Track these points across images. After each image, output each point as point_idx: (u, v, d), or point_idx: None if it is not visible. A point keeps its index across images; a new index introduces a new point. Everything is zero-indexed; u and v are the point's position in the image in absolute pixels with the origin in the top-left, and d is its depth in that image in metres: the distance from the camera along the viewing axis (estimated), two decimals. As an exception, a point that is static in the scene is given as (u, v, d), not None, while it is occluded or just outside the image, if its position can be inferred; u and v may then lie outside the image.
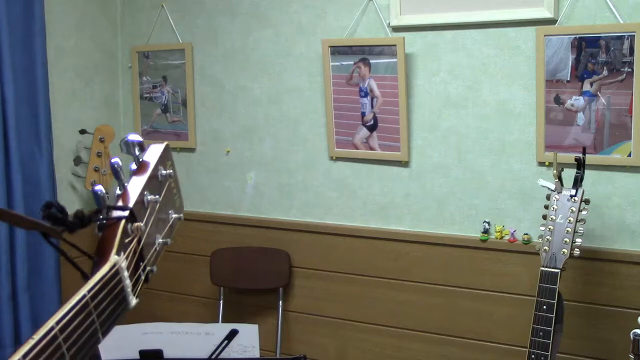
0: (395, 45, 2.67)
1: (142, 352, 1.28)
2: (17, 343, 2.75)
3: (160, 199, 0.88)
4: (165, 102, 3.29)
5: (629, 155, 2.36)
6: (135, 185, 0.85)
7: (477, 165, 2.65)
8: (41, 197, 2.86)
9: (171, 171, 0.92)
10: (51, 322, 0.76)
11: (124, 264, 0.80)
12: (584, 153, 2.23)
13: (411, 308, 2.80)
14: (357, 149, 2.84)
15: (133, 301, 0.84)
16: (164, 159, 0.92)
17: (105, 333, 0.77)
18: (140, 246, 0.84)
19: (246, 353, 1.40)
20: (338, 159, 2.91)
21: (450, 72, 2.66)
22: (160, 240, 0.96)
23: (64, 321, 0.77)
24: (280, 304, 3.03)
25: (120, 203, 0.84)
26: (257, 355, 1.45)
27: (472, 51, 2.61)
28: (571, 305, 2.41)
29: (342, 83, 2.82)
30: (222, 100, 3.15)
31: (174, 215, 0.97)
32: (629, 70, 2.31)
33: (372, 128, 2.79)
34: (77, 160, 3.10)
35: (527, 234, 2.56)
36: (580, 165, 2.21)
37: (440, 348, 2.76)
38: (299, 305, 3.05)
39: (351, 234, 2.89)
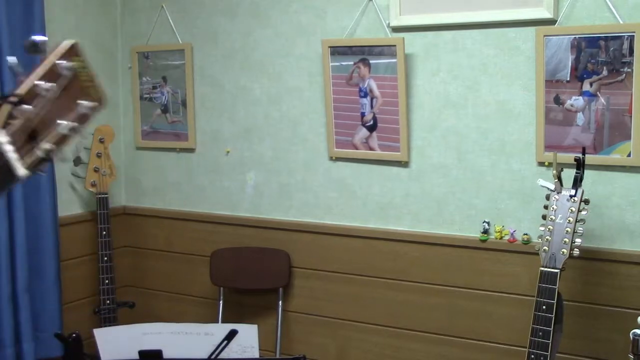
0: (395, 45, 2.67)
1: (141, 353, 1.28)
2: (17, 343, 2.75)
3: (56, 87, 0.94)
4: (165, 103, 3.29)
5: (629, 155, 2.37)
6: (31, 77, 0.94)
7: (476, 166, 2.65)
8: (41, 198, 2.86)
9: (75, 64, 0.99)
10: None
11: (3, 139, 0.88)
12: (583, 153, 2.23)
13: (411, 308, 2.80)
14: (356, 149, 2.84)
15: (21, 171, 0.91)
16: (69, 54, 0.99)
17: None
18: (32, 127, 0.91)
19: (245, 353, 1.40)
20: (338, 159, 2.91)
21: (450, 73, 2.66)
22: (64, 123, 0.97)
23: None
24: (280, 304, 3.03)
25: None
26: (257, 356, 1.45)
27: (471, 51, 2.61)
28: (571, 305, 2.41)
29: (342, 83, 2.82)
30: (221, 101, 3.15)
31: (84, 103, 1.01)
32: (629, 70, 2.31)
33: (371, 128, 2.79)
34: (77, 161, 3.10)
35: (526, 234, 2.56)
36: (579, 165, 2.21)
37: (439, 348, 2.76)
38: (299, 305, 3.05)
39: (351, 234, 2.89)
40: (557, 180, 2.23)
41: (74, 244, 2.98)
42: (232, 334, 1.28)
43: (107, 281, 2.99)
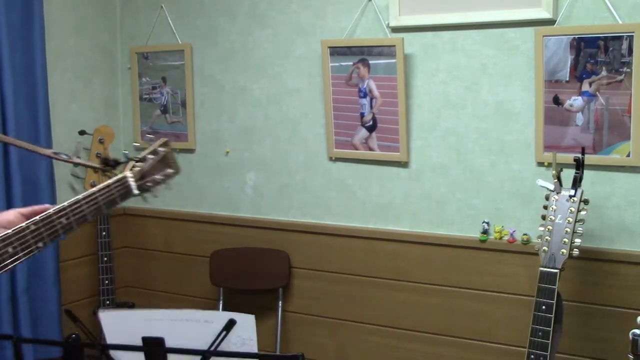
0: (394, 45, 2.67)
1: (144, 339, 1.29)
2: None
3: (156, 158, 1.79)
4: (164, 103, 3.29)
5: (628, 155, 2.37)
6: (145, 151, 1.79)
7: (476, 166, 2.65)
8: (40, 198, 2.86)
9: (165, 149, 1.81)
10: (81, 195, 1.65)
11: (129, 174, 1.71)
12: (583, 153, 2.23)
13: (410, 308, 2.80)
14: (356, 149, 2.84)
15: (135, 191, 1.71)
16: (165, 144, 1.83)
17: (104, 208, 1.66)
18: (143, 173, 1.74)
19: (245, 345, 1.40)
20: (337, 159, 2.91)
21: (450, 73, 2.66)
22: (159, 176, 1.79)
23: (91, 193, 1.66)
24: (280, 305, 3.03)
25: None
26: (255, 348, 1.45)
27: (471, 52, 2.61)
28: (570, 306, 2.41)
29: (342, 84, 2.82)
30: (221, 101, 3.15)
31: (169, 170, 1.83)
32: (628, 70, 2.31)
33: (371, 128, 2.79)
34: (77, 161, 3.10)
35: (526, 234, 2.56)
36: (579, 165, 2.22)
37: (439, 348, 2.76)
38: (298, 305, 3.05)
39: (350, 234, 2.89)
40: (556, 180, 2.23)
41: (74, 245, 2.98)
42: (230, 324, 1.29)
43: (106, 282, 2.99)
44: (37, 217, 1.53)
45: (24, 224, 1.50)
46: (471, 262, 2.67)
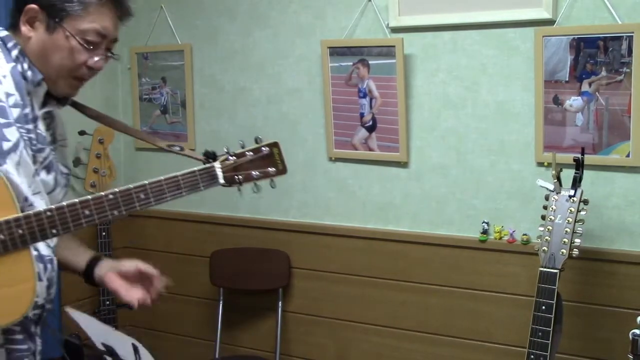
0: (394, 46, 2.67)
1: (104, 345, 1.30)
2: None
3: (255, 156, 1.78)
4: (164, 103, 3.29)
5: (628, 155, 2.37)
6: (245, 149, 1.79)
7: (476, 166, 2.65)
8: (40, 198, 2.85)
9: (268, 149, 1.82)
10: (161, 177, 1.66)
11: (217, 165, 1.74)
12: (582, 153, 2.23)
13: (410, 308, 2.81)
14: (356, 149, 2.84)
15: (221, 180, 1.74)
16: (273, 145, 1.83)
17: (184, 192, 1.72)
18: (236, 166, 1.75)
19: None
20: (337, 159, 2.91)
21: (449, 73, 2.66)
22: (256, 172, 1.78)
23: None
24: (280, 305, 3.03)
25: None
26: None
27: (470, 52, 2.61)
28: (570, 306, 2.42)
29: (341, 84, 2.82)
30: (221, 101, 3.15)
31: (270, 169, 1.81)
32: (628, 70, 2.31)
33: (371, 129, 2.80)
34: (77, 162, 3.10)
35: (526, 235, 2.56)
36: (579, 165, 2.22)
37: (439, 348, 2.76)
38: (298, 306, 3.05)
39: (350, 234, 2.89)
40: (556, 180, 2.24)
41: (74, 245, 2.96)
42: (135, 349, 1.29)
43: (106, 282, 2.98)
44: (117, 189, 1.61)
45: (103, 193, 1.60)
46: (471, 262, 2.67)
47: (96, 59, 1.73)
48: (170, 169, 1.74)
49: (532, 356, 2.12)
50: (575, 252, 2.16)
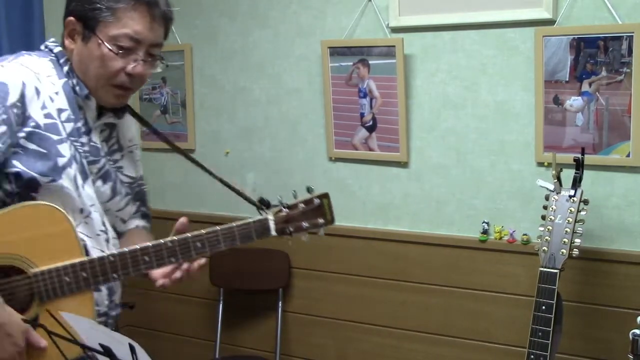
0: (394, 46, 2.67)
1: (101, 345, 1.29)
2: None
3: (306, 208, 1.78)
4: (164, 104, 3.29)
5: (628, 155, 2.37)
6: (298, 200, 1.80)
7: (476, 166, 2.65)
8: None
9: (319, 201, 1.80)
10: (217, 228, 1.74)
11: (270, 217, 1.75)
12: (582, 153, 2.23)
13: (410, 308, 2.80)
14: (356, 149, 2.84)
15: (273, 232, 1.75)
16: (323, 196, 1.81)
17: (238, 242, 1.76)
18: (287, 219, 1.76)
19: None
20: (337, 159, 2.91)
21: (449, 73, 2.66)
22: (306, 223, 1.78)
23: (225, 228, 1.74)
24: (280, 305, 3.03)
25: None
26: None
27: (470, 52, 2.61)
28: (570, 306, 2.42)
29: (341, 84, 2.82)
30: (221, 101, 3.15)
31: (320, 220, 1.80)
32: (628, 70, 2.31)
33: (371, 129, 2.80)
34: (77, 162, 3.10)
35: (526, 235, 2.56)
36: (579, 165, 2.22)
37: (439, 348, 2.76)
38: (298, 306, 3.05)
39: (350, 234, 2.89)
40: (556, 180, 2.24)
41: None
42: (132, 349, 1.28)
43: (106, 282, 2.98)
44: (175, 237, 1.72)
45: (162, 240, 1.71)
46: (471, 262, 2.67)
47: (133, 64, 1.69)
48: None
49: (532, 356, 2.12)
50: (575, 252, 2.16)
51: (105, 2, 1.66)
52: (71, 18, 1.69)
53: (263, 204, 1.82)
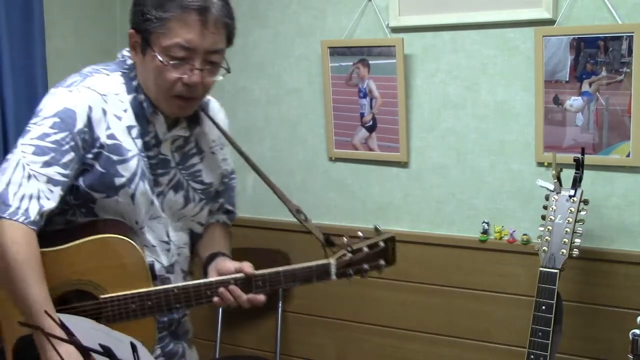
0: (394, 46, 2.67)
1: (101, 345, 1.28)
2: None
3: (370, 252, 1.85)
4: (164, 103, 3.28)
5: (628, 155, 2.37)
6: (363, 242, 1.88)
7: (476, 166, 2.65)
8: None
9: (384, 245, 1.88)
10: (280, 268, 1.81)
11: (333, 262, 1.82)
12: (582, 153, 2.23)
13: (410, 308, 2.80)
14: (356, 149, 2.84)
15: (334, 277, 1.83)
16: (390, 240, 1.90)
17: (298, 283, 1.84)
18: (349, 263, 1.83)
19: None
20: (337, 159, 2.91)
21: (449, 73, 2.66)
22: (367, 265, 1.84)
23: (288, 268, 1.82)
24: (280, 305, 3.03)
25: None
26: None
27: (471, 52, 2.61)
28: (570, 306, 2.41)
29: (341, 84, 2.82)
30: (221, 101, 3.14)
31: (382, 262, 1.87)
32: (628, 70, 2.31)
33: (371, 129, 2.80)
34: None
35: (526, 235, 2.56)
36: (579, 165, 2.22)
37: (439, 348, 2.76)
38: (298, 306, 3.05)
39: (350, 234, 2.88)
40: (556, 180, 2.24)
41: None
42: (134, 348, 1.28)
43: (107, 282, 2.98)
44: (239, 275, 1.76)
45: (225, 277, 1.76)
46: (471, 262, 2.67)
47: (188, 74, 1.65)
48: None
49: (532, 356, 2.12)
50: (575, 252, 2.16)
51: (155, 13, 1.63)
52: (131, 30, 1.68)
53: (328, 243, 1.87)
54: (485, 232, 2.64)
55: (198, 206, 1.89)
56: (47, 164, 1.57)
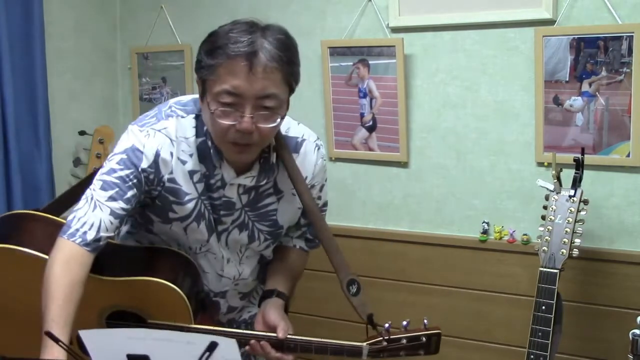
0: (394, 46, 2.67)
1: (130, 356, 1.28)
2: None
3: (408, 344, 1.91)
4: (164, 103, 3.28)
5: (628, 155, 2.37)
6: (409, 333, 1.94)
7: (476, 166, 2.65)
8: (40, 199, 2.86)
9: (427, 340, 1.96)
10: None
11: (365, 347, 1.85)
12: (582, 153, 2.23)
13: (410, 308, 2.80)
14: (356, 149, 2.84)
15: (365, 358, 1.85)
16: (435, 335, 1.97)
17: (328, 354, 1.84)
18: (381, 350, 1.87)
19: None
20: (337, 159, 2.91)
21: (449, 73, 2.66)
22: (402, 353, 1.89)
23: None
24: (280, 305, 3.02)
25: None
26: None
27: (470, 52, 2.61)
28: (570, 306, 2.42)
29: (341, 84, 2.82)
30: (221, 101, 3.15)
31: (420, 352, 1.91)
32: (628, 70, 2.31)
33: (371, 129, 2.80)
34: (77, 162, 3.10)
35: (526, 235, 2.56)
36: (579, 165, 2.22)
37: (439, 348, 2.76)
38: (298, 306, 3.04)
39: (350, 234, 2.89)
40: (556, 180, 2.24)
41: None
42: (212, 346, 1.28)
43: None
44: (272, 335, 1.86)
45: (262, 334, 1.87)
46: (471, 262, 2.67)
47: (239, 120, 1.63)
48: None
49: (532, 356, 2.12)
50: (575, 252, 2.16)
51: (207, 60, 1.69)
52: (197, 78, 1.73)
53: (370, 321, 1.95)
54: (485, 232, 2.64)
55: (263, 245, 1.95)
56: (111, 198, 1.68)
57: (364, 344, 1.80)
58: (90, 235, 1.64)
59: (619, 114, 2.36)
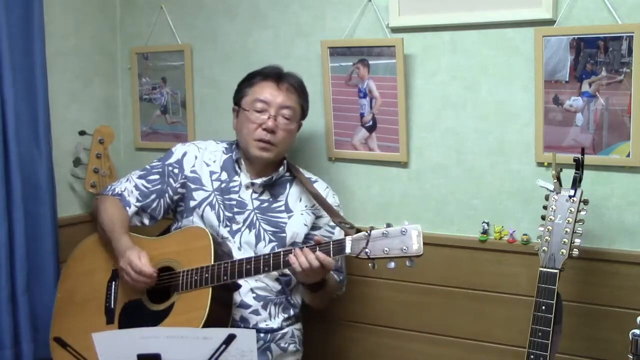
0: (394, 46, 2.67)
1: (140, 356, 1.29)
2: (17, 344, 2.75)
3: (393, 233, 2.13)
4: (164, 104, 3.29)
5: (628, 155, 2.37)
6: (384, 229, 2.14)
7: (476, 166, 2.65)
8: (40, 199, 2.86)
9: (406, 230, 2.13)
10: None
11: (349, 239, 2.14)
12: (582, 153, 2.23)
13: (410, 308, 2.80)
14: (356, 149, 2.84)
15: (348, 249, 2.13)
16: (410, 227, 2.13)
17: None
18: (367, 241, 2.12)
19: (244, 357, 1.40)
20: (337, 159, 2.91)
21: (449, 73, 2.66)
22: (386, 249, 2.11)
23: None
24: (280, 305, 3.02)
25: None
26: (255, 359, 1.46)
27: (470, 52, 2.61)
28: (570, 306, 2.42)
29: (341, 84, 2.82)
30: (221, 102, 3.15)
31: (403, 247, 2.09)
32: (628, 70, 2.31)
33: (371, 129, 2.80)
34: (77, 162, 3.10)
35: (526, 235, 2.56)
36: (579, 165, 2.22)
37: (438, 348, 2.76)
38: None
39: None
40: (556, 180, 2.24)
41: (74, 245, 2.96)
42: (230, 338, 1.29)
43: (107, 282, 2.99)
44: (273, 252, 2.26)
45: (258, 255, 2.29)
46: (471, 262, 2.67)
47: (265, 120, 2.45)
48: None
49: (532, 356, 2.12)
50: (575, 252, 2.16)
51: (246, 84, 2.55)
52: (234, 106, 2.59)
53: (352, 227, 2.28)
54: (485, 232, 2.64)
55: (268, 247, 2.43)
56: (140, 177, 2.59)
57: (347, 237, 2.16)
58: (118, 191, 2.54)
59: (619, 114, 2.36)
